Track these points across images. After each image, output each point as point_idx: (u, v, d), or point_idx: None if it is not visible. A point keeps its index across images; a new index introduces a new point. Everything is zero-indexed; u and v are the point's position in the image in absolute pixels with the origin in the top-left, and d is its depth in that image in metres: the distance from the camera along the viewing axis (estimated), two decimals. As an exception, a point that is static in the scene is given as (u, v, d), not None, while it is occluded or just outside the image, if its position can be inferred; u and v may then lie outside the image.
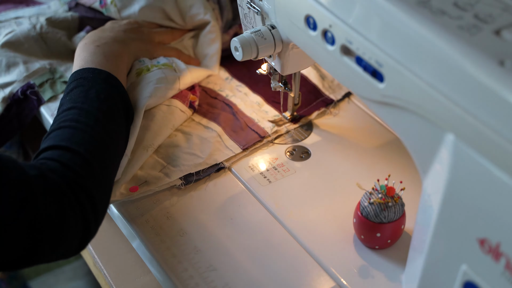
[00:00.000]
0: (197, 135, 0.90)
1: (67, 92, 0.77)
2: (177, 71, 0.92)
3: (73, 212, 0.62)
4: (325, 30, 0.65)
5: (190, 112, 0.93)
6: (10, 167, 0.59)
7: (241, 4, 0.83)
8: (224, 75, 1.01)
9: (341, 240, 0.76)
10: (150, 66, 0.90)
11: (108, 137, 0.72)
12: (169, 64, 0.92)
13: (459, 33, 0.52)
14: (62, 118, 0.72)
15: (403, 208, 0.73)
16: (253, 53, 0.79)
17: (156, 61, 0.93)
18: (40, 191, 0.60)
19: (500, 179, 0.49)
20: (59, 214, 0.61)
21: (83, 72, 0.79)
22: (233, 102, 0.96)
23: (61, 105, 0.75)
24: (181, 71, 0.92)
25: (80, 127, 0.70)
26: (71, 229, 0.62)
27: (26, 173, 0.59)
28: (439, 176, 0.55)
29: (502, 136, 0.48)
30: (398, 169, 0.83)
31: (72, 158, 0.66)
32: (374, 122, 0.93)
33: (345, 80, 0.67)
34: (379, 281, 0.72)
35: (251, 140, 0.89)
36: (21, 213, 0.57)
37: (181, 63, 0.94)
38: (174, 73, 0.91)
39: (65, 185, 0.63)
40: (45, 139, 0.70)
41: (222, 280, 0.71)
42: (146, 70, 0.90)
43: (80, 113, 0.72)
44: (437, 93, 0.53)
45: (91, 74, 0.79)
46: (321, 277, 0.72)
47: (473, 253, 0.53)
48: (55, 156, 0.65)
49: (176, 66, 0.93)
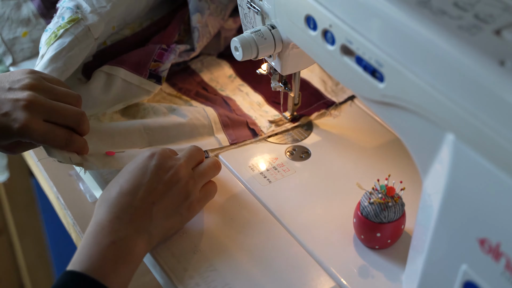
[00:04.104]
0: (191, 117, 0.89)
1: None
2: (85, 19, 0.86)
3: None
4: (325, 30, 0.65)
5: (152, 86, 0.90)
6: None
7: (241, 4, 0.83)
8: (229, 72, 1.01)
9: (341, 240, 0.76)
10: (57, 30, 0.85)
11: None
12: (74, 17, 0.86)
13: (459, 33, 0.52)
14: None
15: (403, 208, 0.73)
16: (253, 53, 0.79)
17: (62, 17, 0.87)
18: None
19: (500, 179, 0.49)
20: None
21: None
22: (233, 99, 0.96)
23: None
24: (88, 18, 0.87)
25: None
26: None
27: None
28: (439, 176, 0.55)
29: (502, 136, 0.48)
30: (398, 169, 0.83)
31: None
32: (374, 122, 0.93)
33: (345, 80, 0.67)
34: (379, 281, 0.72)
35: (244, 137, 0.89)
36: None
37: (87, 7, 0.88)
38: (84, 24, 0.86)
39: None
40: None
41: (222, 280, 0.71)
42: (54, 37, 0.85)
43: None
44: (437, 93, 0.53)
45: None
46: (321, 277, 0.72)
47: (473, 253, 0.53)
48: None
49: (82, 12, 0.87)
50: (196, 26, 0.96)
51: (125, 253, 0.68)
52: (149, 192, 0.71)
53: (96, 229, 0.68)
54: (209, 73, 1.01)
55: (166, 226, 0.73)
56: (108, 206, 0.70)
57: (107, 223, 0.68)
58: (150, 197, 0.71)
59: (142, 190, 0.71)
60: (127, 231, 0.68)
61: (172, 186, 0.73)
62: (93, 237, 0.67)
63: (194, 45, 0.96)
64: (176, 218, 0.74)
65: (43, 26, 0.97)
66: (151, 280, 0.76)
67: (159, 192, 0.72)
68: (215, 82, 0.99)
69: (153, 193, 0.71)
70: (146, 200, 0.71)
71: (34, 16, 0.97)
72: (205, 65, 1.03)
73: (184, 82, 0.99)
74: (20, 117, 0.73)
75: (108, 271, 0.65)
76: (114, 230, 0.68)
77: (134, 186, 0.71)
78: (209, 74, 1.01)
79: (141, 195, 0.71)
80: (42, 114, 0.75)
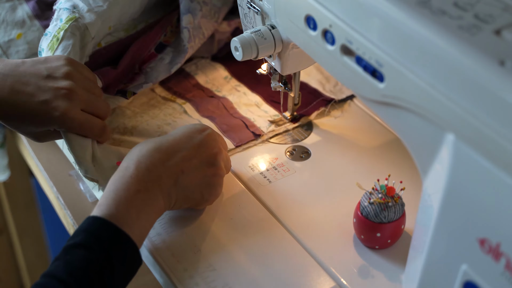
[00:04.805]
0: None
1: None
2: (82, 18, 0.86)
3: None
4: (325, 30, 0.65)
5: (117, 100, 0.90)
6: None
7: (241, 4, 0.83)
8: (224, 74, 1.01)
9: (341, 240, 0.76)
10: (57, 33, 0.85)
11: None
12: (71, 17, 0.86)
13: (459, 33, 0.52)
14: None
15: (403, 208, 0.73)
16: (253, 53, 0.79)
17: (59, 18, 0.86)
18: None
19: (500, 179, 0.49)
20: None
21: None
22: (230, 100, 0.96)
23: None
24: (85, 17, 0.87)
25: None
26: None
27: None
28: (439, 176, 0.55)
29: (502, 136, 0.48)
30: (398, 169, 0.83)
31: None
32: (374, 122, 0.93)
33: (345, 80, 0.67)
34: (379, 281, 0.72)
35: (245, 138, 0.89)
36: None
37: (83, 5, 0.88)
38: (81, 22, 0.86)
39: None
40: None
41: (222, 280, 0.71)
42: (56, 41, 0.85)
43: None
44: (437, 93, 0.53)
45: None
46: (321, 277, 0.72)
47: (473, 253, 0.53)
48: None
49: (79, 11, 0.87)
50: (186, 27, 0.95)
51: (148, 204, 0.69)
52: (183, 160, 0.73)
53: (125, 175, 0.69)
54: (204, 75, 1.01)
55: (186, 196, 0.74)
56: (141, 156, 0.71)
57: (136, 171, 0.70)
58: (182, 164, 0.73)
59: (178, 156, 0.73)
60: (153, 185, 0.70)
61: (204, 166, 0.75)
62: (122, 183, 0.69)
63: (185, 45, 0.95)
64: (197, 195, 0.75)
65: (37, 27, 0.96)
66: (151, 280, 0.76)
67: (192, 166, 0.73)
68: (210, 84, 0.99)
69: (186, 163, 0.73)
70: (178, 166, 0.72)
71: (29, 17, 0.97)
72: (199, 67, 1.03)
73: (179, 85, 0.99)
74: (61, 105, 0.75)
75: (132, 218, 0.67)
76: (141, 180, 0.69)
77: (172, 148, 0.73)
78: (204, 77, 1.01)
79: (175, 159, 0.72)
80: (81, 104, 0.77)
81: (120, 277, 0.65)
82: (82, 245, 0.64)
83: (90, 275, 0.62)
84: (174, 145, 0.73)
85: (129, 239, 0.66)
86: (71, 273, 0.61)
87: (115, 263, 0.64)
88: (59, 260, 0.63)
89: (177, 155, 0.73)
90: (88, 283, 0.62)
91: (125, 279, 0.66)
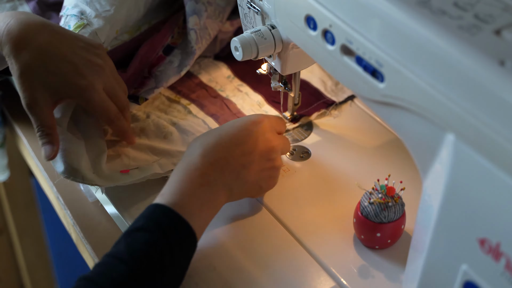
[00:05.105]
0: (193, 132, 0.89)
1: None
2: (90, 24, 0.87)
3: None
4: (325, 30, 0.65)
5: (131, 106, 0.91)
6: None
7: (241, 4, 0.83)
8: (227, 73, 1.01)
9: (341, 240, 0.76)
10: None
11: None
12: (80, 24, 0.86)
13: (459, 33, 0.52)
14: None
15: (403, 208, 0.73)
16: (253, 53, 0.79)
17: (67, 25, 0.87)
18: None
19: (500, 179, 0.49)
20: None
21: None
22: (233, 102, 0.96)
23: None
24: (94, 23, 0.87)
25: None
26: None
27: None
28: (439, 176, 0.55)
29: (502, 136, 0.48)
30: (398, 169, 0.83)
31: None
32: (374, 122, 0.93)
33: (345, 80, 0.67)
34: (379, 281, 0.72)
35: None
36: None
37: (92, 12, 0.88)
38: (90, 29, 0.86)
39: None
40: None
41: (222, 280, 0.71)
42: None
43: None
44: (437, 93, 0.53)
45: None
46: (321, 277, 0.72)
47: (473, 253, 0.53)
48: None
49: (87, 17, 0.87)
50: (193, 28, 0.96)
51: (211, 198, 0.71)
52: (243, 154, 0.74)
53: (190, 167, 0.71)
54: (207, 74, 1.01)
55: (245, 190, 0.76)
56: (204, 150, 0.72)
57: (201, 166, 0.71)
58: (242, 158, 0.74)
59: (239, 149, 0.74)
60: (216, 179, 0.71)
61: (263, 160, 0.76)
62: (186, 175, 0.70)
63: (193, 47, 0.96)
64: (256, 187, 0.77)
65: None
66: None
67: (251, 159, 0.75)
68: (214, 82, 0.99)
69: (246, 157, 0.74)
70: (239, 160, 0.74)
71: None
72: (202, 67, 1.03)
73: (183, 84, 0.99)
74: (89, 75, 0.77)
75: (195, 210, 0.68)
76: (206, 174, 0.71)
77: (232, 142, 0.74)
78: (207, 76, 1.01)
79: (236, 153, 0.74)
80: (105, 84, 0.79)
81: (179, 264, 0.66)
82: (144, 228, 0.65)
83: (150, 257, 0.63)
84: (233, 139, 0.74)
85: (190, 228, 0.67)
86: (132, 254, 0.63)
87: (175, 249, 0.65)
88: (120, 243, 0.65)
89: (238, 150, 0.74)
90: (148, 264, 0.63)
91: (183, 267, 0.68)
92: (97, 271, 0.63)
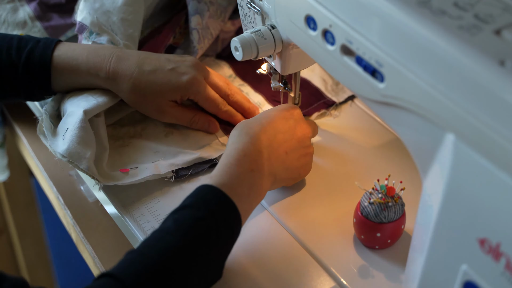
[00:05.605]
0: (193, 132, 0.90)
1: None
2: (115, 43, 0.90)
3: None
4: (325, 30, 0.65)
5: None
6: None
7: (241, 4, 0.83)
8: (228, 72, 1.01)
9: (341, 240, 0.76)
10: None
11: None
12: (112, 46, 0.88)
13: (459, 33, 0.52)
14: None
15: (403, 208, 0.73)
16: (253, 53, 0.78)
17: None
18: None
19: (500, 179, 0.49)
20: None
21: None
22: None
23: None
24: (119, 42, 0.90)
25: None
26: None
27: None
28: (439, 176, 0.55)
29: (502, 136, 0.48)
30: (398, 169, 0.83)
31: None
32: (374, 122, 0.93)
33: (345, 80, 0.67)
34: (379, 281, 0.72)
35: None
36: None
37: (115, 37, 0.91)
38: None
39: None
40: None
41: (222, 280, 0.71)
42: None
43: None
44: (437, 93, 0.53)
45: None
46: (321, 277, 0.72)
47: (473, 253, 0.53)
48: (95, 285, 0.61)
49: (113, 37, 0.90)
50: (195, 28, 0.96)
51: (258, 184, 0.72)
52: (285, 142, 0.76)
53: (239, 153, 0.72)
54: None
55: (287, 177, 0.78)
56: (252, 137, 0.74)
57: (249, 152, 0.72)
58: (284, 145, 0.76)
59: (280, 138, 0.76)
60: (263, 166, 0.73)
61: (300, 147, 0.78)
62: (236, 160, 0.71)
63: (195, 46, 0.96)
64: (295, 174, 0.79)
65: (39, 28, 0.97)
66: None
67: (292, 146, 0.77)
68: None
69: (287, 143, 0.77)
70: (282, 148, 0.76)
71: (30, 19, 0.97)
72: None
73: None
74: (189, 71, 0.84)
75: (243, 193, 0.70)
76: (254, 160, 0.72)
77: (274, 131, 0.76)
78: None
79: (279, 141, 0.76)
80: (205, 78, 0.87)
81: (224, 243, 0.67)
82: (191, 206, 0.66)
83: (197, 231, 0.64)
84: (275, 127, 0.76)
85: (236, 210, 0.68)
86: (179, 227, 0.64)
87: (221, 228, 0.66)
88: (168, 220, 0.66)
89: (279, 137, 0.76)
90: (194, 237, 0.64)
91: (227, 247, 0.68)
92: (145, 244, 0.64)
